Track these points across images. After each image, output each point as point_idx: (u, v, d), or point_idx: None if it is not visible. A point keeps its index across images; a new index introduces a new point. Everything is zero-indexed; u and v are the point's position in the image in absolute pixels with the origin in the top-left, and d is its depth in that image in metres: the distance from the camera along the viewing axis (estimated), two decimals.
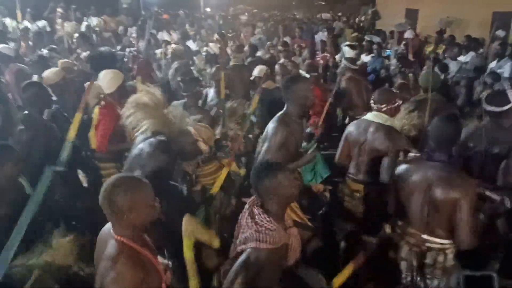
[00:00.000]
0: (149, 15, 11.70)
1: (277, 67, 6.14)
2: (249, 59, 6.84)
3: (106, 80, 3.63)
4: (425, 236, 2.44)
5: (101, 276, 1.72)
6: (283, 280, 2.12)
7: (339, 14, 18.70)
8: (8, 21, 9.92)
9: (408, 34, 9.18)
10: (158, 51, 7.40)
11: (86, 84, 3.89)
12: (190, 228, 2.14)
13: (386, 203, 2.72)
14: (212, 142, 2.87)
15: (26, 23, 9.87)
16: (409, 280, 2.48)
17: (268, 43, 8.43)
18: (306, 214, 3.12)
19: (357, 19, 16.59)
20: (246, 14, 16.67)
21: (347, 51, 5.95)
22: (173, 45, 6.89)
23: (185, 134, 2.75)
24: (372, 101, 3.31)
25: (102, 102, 3.62)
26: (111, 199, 1.73)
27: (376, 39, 9.35)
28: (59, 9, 11.05)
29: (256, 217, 2.10)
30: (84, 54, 6.43)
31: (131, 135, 3.60)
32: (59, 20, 10.25)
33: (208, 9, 21.19)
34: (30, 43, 7.38)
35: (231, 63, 6.04)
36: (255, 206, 2.16)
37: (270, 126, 3.01)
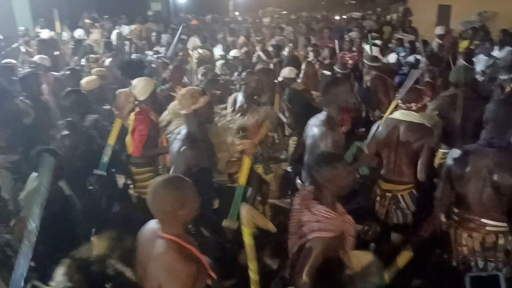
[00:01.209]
0: (179, 21, 11.93)
1: (303, 65, 6.13)
2: (275, 60, 6.87)
3: (139, 87, 3.73)
4: (484, 220, 2.50)
5: (155, 276, 1.78)
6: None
7: (369, 12, 18.40)
8: (47, 32, 10.37)
9: (439, 30, 8.93)
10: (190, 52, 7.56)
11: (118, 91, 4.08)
12: (250, 217, 2.25)
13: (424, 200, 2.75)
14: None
15: (64, 34, 10.35)
16: (472, 265, 2.53)
17: (291, 44, 8.40)
18: None
19: (388, 16, 16.28)
20: (269, 17, 16.61)
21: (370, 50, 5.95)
22: (200, 50, 7.01)
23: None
24: (399, 100, 3.27)
25: (137, 108, 3.74)
26: (162, 198, 1.82)
27: (410, 37, 9.18)
28: (86, 20, 11.45)
29: (312, 209, 2.23)
30: (108, 60, 6.72)
31: (165, 140, 3.72)
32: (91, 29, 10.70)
33: (237, 13, 21.36)
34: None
35: (258, 67, 6.07)
36: (310, 200, 2.28)
37: (317, 131, 3.04)
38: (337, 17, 18.32)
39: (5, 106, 3.98)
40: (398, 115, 3.23)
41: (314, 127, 3.11)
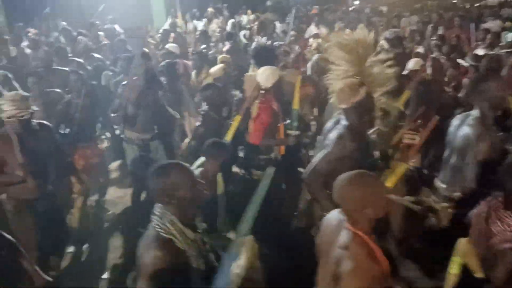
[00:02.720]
0: (297, 10, 11.95)
1: (429, 61, 5.76)
2: (397, 50, 6.52)
3: (265, 75, 3.80)
4: None
5: (335, 263, 1.81)
6: None
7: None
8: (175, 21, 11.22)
9: None
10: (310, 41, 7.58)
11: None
12: (465, 251, 2.30)
13: None
14: None
15: (190, 25, 11.14)
16: None
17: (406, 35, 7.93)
18: None
19: None
20: (387, 5, 15.70)
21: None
22: (318, 40, 6.98)
23: None
24: None
25: (261, 97, 3.83)
26: (346, 196, 1.82)
27: None
28: (210, 9, 12.08)
29: (507, 219, 2.17)
30: (225, 48, 7.17)
31: (281, 133, 3.80)
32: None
33: (356, 2, 20.70)
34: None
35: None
36: (499, 210, 2.21)
37: (470, 131, 2.81)
38: (467, 5, 16.68)
39: (147, 92, 4.42)
40: None
41: (466, 126, 2.87)
